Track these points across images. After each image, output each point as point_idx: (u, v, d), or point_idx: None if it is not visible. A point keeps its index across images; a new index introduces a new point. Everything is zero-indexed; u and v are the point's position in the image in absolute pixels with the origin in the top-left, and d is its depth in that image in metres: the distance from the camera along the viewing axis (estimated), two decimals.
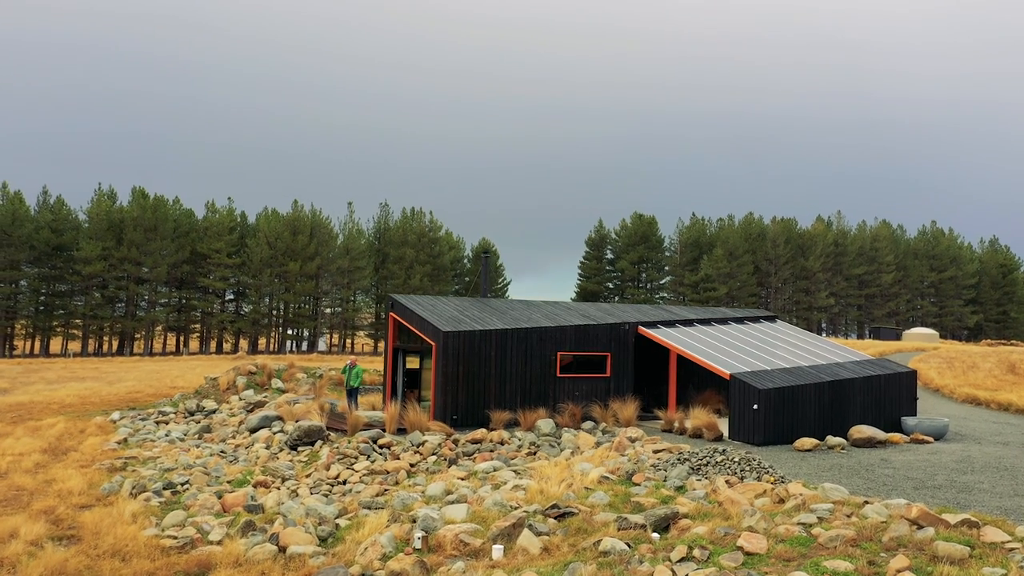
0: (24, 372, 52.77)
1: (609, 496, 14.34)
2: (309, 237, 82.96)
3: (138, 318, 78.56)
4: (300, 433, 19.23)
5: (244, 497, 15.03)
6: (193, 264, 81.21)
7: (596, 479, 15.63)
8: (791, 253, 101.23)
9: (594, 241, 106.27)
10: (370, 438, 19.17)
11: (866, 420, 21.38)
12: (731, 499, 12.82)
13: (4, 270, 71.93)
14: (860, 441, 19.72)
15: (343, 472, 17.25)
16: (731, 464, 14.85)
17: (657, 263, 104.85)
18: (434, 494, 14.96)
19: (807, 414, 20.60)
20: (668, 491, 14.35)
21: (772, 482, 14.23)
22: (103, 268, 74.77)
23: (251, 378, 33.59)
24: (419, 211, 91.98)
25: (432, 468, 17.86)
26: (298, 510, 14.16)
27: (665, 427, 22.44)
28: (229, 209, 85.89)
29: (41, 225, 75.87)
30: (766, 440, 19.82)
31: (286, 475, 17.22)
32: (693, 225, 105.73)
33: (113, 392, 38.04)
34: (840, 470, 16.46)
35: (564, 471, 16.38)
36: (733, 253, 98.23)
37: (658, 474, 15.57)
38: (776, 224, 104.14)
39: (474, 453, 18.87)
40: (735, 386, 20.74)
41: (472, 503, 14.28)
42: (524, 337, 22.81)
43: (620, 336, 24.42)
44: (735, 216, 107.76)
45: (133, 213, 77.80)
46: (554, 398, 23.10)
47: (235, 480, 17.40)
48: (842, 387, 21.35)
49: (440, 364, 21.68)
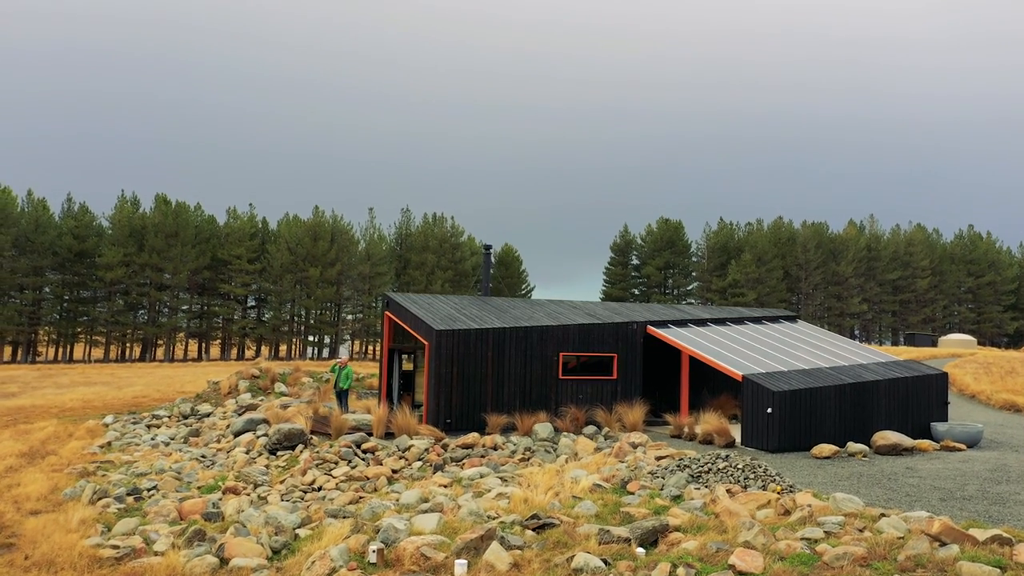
0: (40, 377, 52.62)
1: (598, 506, 13.01)
2: (330, 243, 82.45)
3: (159, 324, 78.53)
4: (280, 437, 18.13)
5: (204, 504, 13.93)
6: (214, 270, 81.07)
7: (588, 487, 14.30)
8: (822, 258, 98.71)
9: (619, 246, 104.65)
10: (353, 442, 18.02)
11: (891, 426, 19.78)
12: (729, 510, 11.42)
13: (27, 276, 72.27)
14: (884, 448, 18.15)
15: (319, 478, 16.10)
16: (734, 471, 13.43)
17: (684, 268, 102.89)
18: (408, 502, 13.74)
19: (826, 419, 19.05)
20: (663, 501, 12.97)
21: (779, 492, 12.78)
22: (124, 274, 74.84)
23: (254, 382, 32.70)
24: (440, 216, 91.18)
25: (416, 474, 16.64)
26: (257, 518, 13.01)
27: (674, 432, 21.02)
28: (250, 215, 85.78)
29: (64, 231, 76.21)
30: (781, 446, 18.32)
31: (258, 481, 16.11)
32: (721, 229, 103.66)
33: (119, 396, 37.39)
34: (859, 479, 14.95)
35: (553, 478, 15.07)
36: (762, 258, 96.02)
37: (655, 482, 14.20)
38: (806, 228, 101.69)
39: (464, 459, 17.62)
40: (747, 388, 19.26)
41: (447, 512, 13.03)
42: (524, 336, 21.53)
43: (627, 336, 23.02)
44: (764, 220, 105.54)
45: (155, 219, 77.88)
46: (556, 401, 21.77)
47: (205, 486, 16.33)
48: (865, 390, 19.76)
49: (433, 365, 20.48)
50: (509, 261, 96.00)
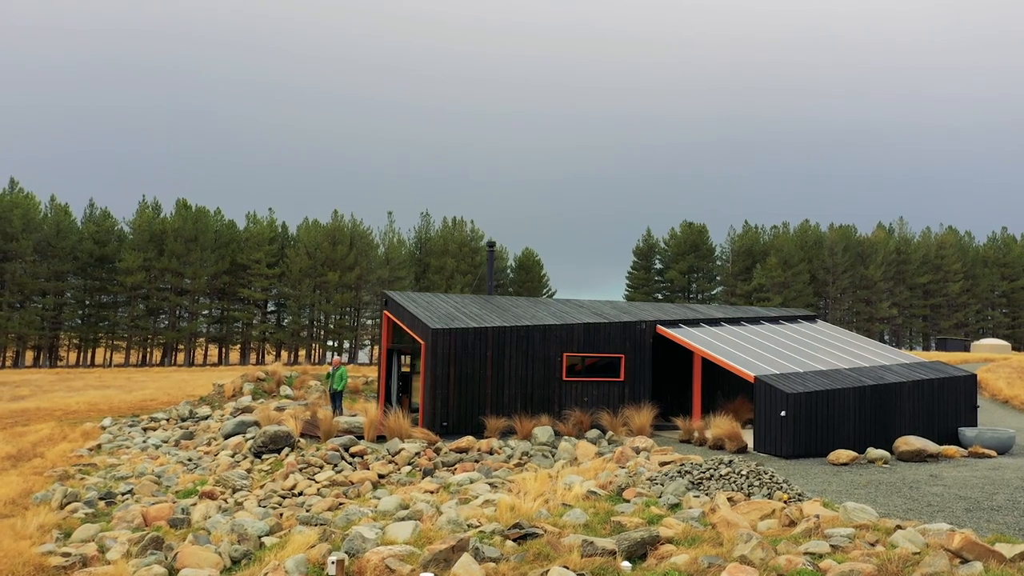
0: (55, 380, 52.53)
1: (588, 514, 12.02)
2: (349, 247, 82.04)
3: (179, 329, 78.57)
4: (265, 439, 17.33)
5: (171, 510, 13.14)
6: (233, 275, 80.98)
7: (581, 494, 13.30)
8: (850, 261, 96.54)
9: (642, 251, 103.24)
10: (341, 445, 17.17)
11: (916, 430, 18.53)
12: (727, 520, 10.37)
13: (49, 281, 72.65)
14: (907, 454, 16.93)
15: (301, 483, 15.26)
16: (737, 478, 12.36)
17: (708, 273, 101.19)
18: (387, 509, 12.84)
19: (844, 422, 17.86)
20: (659, 509, 11.95)
21: (785, 500, 11.70)
22: (144, 279, 74.96)
23: (259, 384, 32.06)
24: (460, 220, 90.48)
25: (404, 479, 15.74)
26: (224, 525, 12.19)
27: (683, 437, 19.92)
28: (270, 220, 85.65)
29: (85, 236, 76.56)
30: (795, 452, 17.18)
31: (237, 485, 15.30)
32: (746, 233, 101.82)
33: (126, 400, 36.95)
34: (878, 487, 13.80)
35: (545, 484, 14.09)
36: (788, 262, 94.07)
37: (653, 489, 13.17)
38: (834, 231, 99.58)
39: (456, 463, 16.69)
40: (760, 390, 18.14)
41: (426, 520, 12.11)
42: (525, 336, 20.57)
43: (636, 336, 21.97)
44: (790, 223, 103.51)
45: (175, 224, 77.98)
46: (559, 404, 20.76)
47: (183, 490, 15.57)
48: (887, 392, 18.54)
49: (429, 365, 19.58)
50: (530, 266, 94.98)
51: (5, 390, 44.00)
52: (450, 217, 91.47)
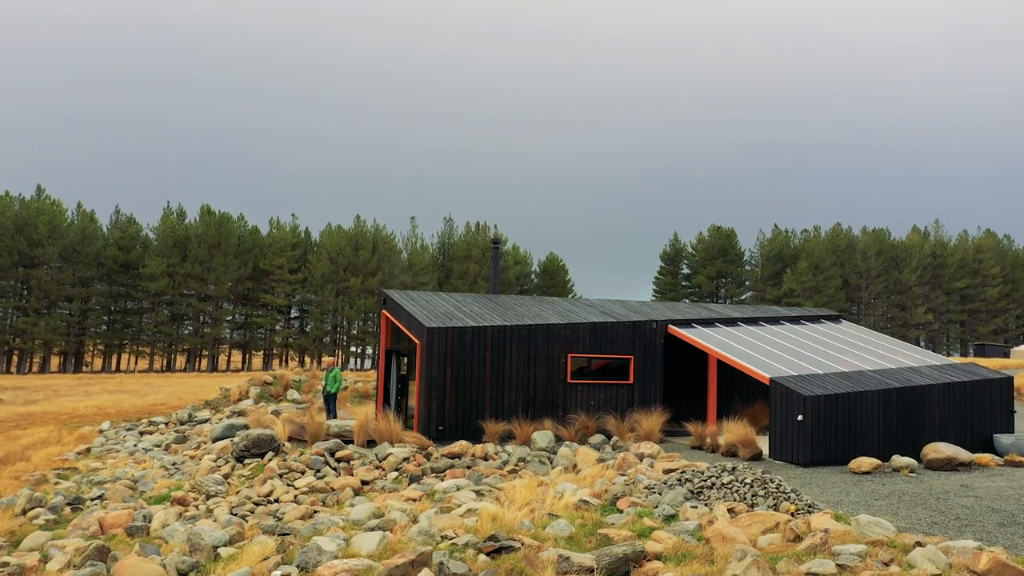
0: (75, 385, 52.51)
1: (575, 526, 10.92)
2: (371, 252, 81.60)
3: (202, 335, 78.62)
4: (248, 443, 16.45)
5: (129, 517, 12.29)
6: (255, 280, 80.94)
7: (572, 503, 12.21)
8: (884, 266, 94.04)
9: (669, 255, 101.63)
10: (327, 450, 16.24)
11: (946, 437, 17.16)
12: (723, 535, 9.21)
13: (74, 286, 73.06)
14: (936, 462, 15.58)
15: (278, 489, 14.34)
16: (740, 487, 11.18)
17: (737, 277, 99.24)
18: (358, 518, 11.85)
19: (868, 428, 16.55)
20: (653, 521, 10.82)
21: (793, 512, 10.50)
22: (167, 284, 75.12)
23: (266, 388, 31.35)
24: (483, 225, 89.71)
25: (389, 486, 14.75)
26: (181, 534, 11.28)
27: (695, 443, 18.72)
28: (293, 226, 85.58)
29: (109, 242, 76.98)
30: (813, 459, 15.91)
31: (211, 491, 14.42)
32: (775, 237, 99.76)
33: (136, 404, 36.51)
34: (901, 499, 12.53)
35: (535, 492, 13.01)
36: (819, 266, 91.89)
37: (651, 499, 12.03)
38: (867, 235, 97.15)
39: (447, 469, 15.67)
40: (775, 393, 16.89)
41: (397, 531, 11.10)
42: (527, 335, 19.50)
43: (646, 336, 20.80)
44: (821, 227, 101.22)
45: (198, 230, 78.16)
46: (564, 408, 19.66)
47: (156, 496, 14.74)
48: (915, 395, 17.18)
49: (424, 366, 18.60)
50: (554, 271, 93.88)
51: (22, 394, 43.91)
52: (473, 222, 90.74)
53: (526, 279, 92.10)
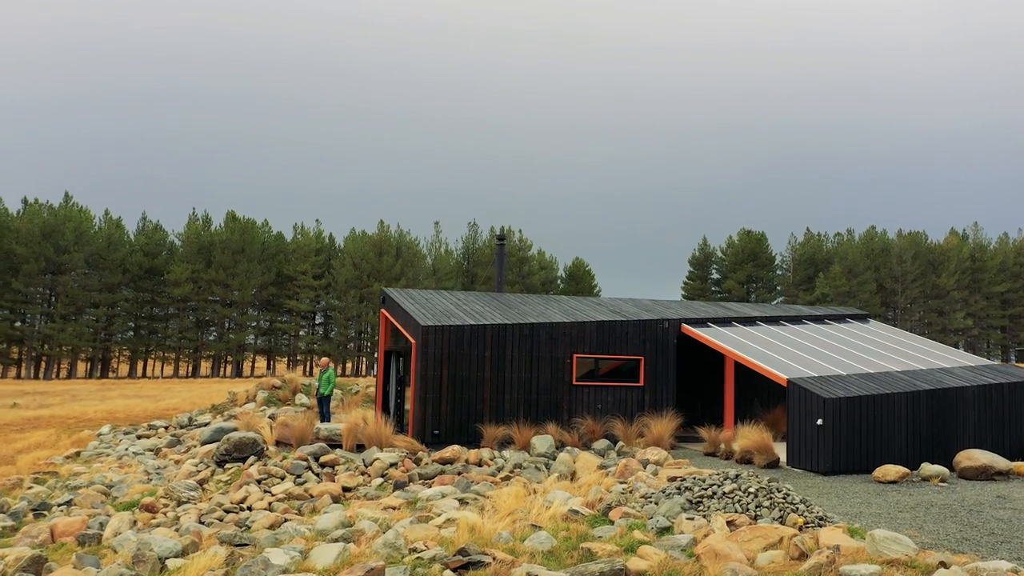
0: (96, 390, 52.45)
1: (558, 539, 9.84)
2: (395, 257, 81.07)
3: (226, 341, 78.61)
4: (229, 447, 15.59)
5: (82, 524, 11.45)
6: (279, 286, 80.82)
7: (561, 513, 11.11)
8: (920, 270, 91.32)
9: (698, 260, 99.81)
10: (311, 454, 15.31)
11: (981, 443, 15.76)
12: (715, 551, 8.07)
13: (100, 292, 73.43)
14: (970, 471, 14.24)
15: (253, 495, 13.43)
16: (743, 497, 10.00)
17: (768, 282, 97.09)
18: (325, 527, 10.87)
19: (895, 433, 15.22)
20: (644, 534, 9.69)
21: (801, 525, 9.31)
22: (191, 290, 75.22)
23: (273, 392, 30.59)
24: (508, 230, 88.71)
25: (372, 493, 13.77)
26: (131, 544, 10.39)
27: (708, 449, 17.52)
28: (317, 231, 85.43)
29: (135, 248, 77.36)
30: (835, 467, 14.65)
31: (183, 497, 13.56)
32: (807, 241, 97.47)
33: (148, 408, 36.08)
34: (928, 511, 11.25)
35: (522, 501, 11.94)
36: (853, 270, 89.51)
37: (646, 509, 10.89)
38: (902, 238, 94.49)
39: (436, 476, 14.65)
40: (793, 395, 15.64)
41: (362, 543, 10.11)
42: (529, 335, 18.44)
43: (658, 336, 19.62)
44: (855, 230, 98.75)
45: (222, 236, 78.27)
46: (568, 411, 18.55)
47: (125, 502, 13.91)
48: (947, 398, 15.81)
49: (419, 367, 17.62)
50: (580, 276, 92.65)
51: (39, 398, 43.82)
52: (498, 227, 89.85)
53: (552, 284, 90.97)
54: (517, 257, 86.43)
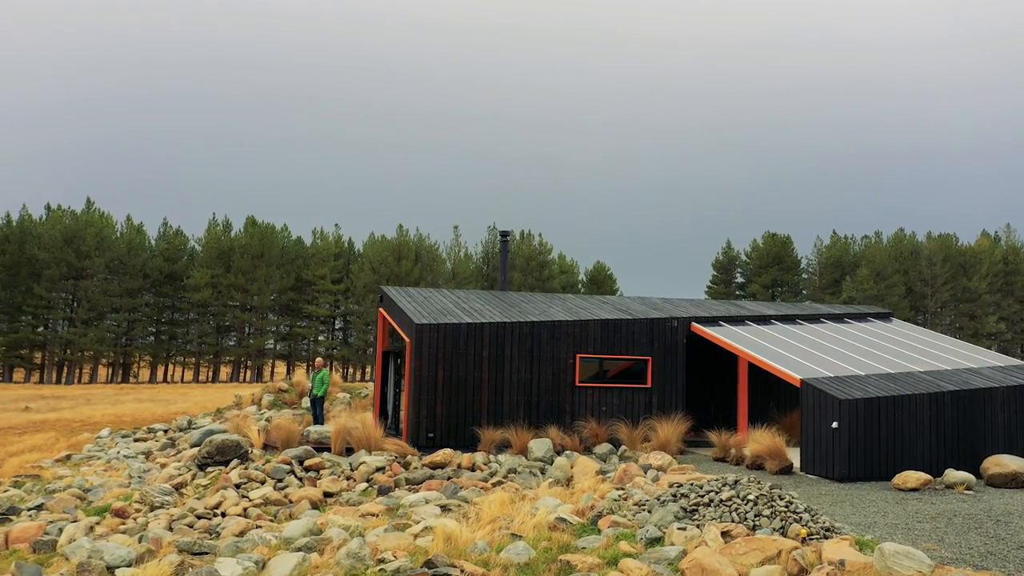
0: (113, 394, 52.38)
1: (537, 549, 9.04)
2: (413, 262, 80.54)
3: (246, 346, 78.55)
4: (212, 450, 14.94)
5: (38, 530, 10.82)
6: (298, 291, 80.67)
7: (548, 521, 10.27)
8: (951, 272, 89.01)
9: (721, 263, 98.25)
10: (295, 458, 14.61)
11: (1012, 448, 14.69)
12: (703, 566, 7.20)
13: (121, 297, 73.69)
14: (999, 478, 13.19)
15: (228, 500, 12.73)
16: (741, 505, 9.10)
17: (793, 286, 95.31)
18: (291, 535, 10.13)
19: (917, 437, 14.19)
20: (631, 545, 8.83)
21: (804, 536, 8.39)
22: (211, 295, 75.26)
23: (280, 396, 30.06)
24: (528, 233, 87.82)
25: (355, 499, 13.02)
26: (84, 551, 9.73)
27: (718, 455, 16.57)
28: (336, 236, 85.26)
29: (155, 253, 77.60)
30: (851, 473, 13.66)
31: (156, 502, 12.89)
32: (834, 244, 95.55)
33: (156, 412, 35.72)
34: (951, 521, 10.27)
35: (506, 508, 11.11)
36: (881, 273, 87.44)
37: (638, 517, 10.03)
38: (932, 240, 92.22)
39: (425, 480, 13.87)
40: (807, 396, 14.67)
41: (326, 552, 9.36)
42: (529, 333, 17.61)
43: (666, 335, 18.70)
44: (883, 232, 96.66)
45: (242, 241, 78.31)
46: (571, 414, 17.69)
47: (97, 507, 13.30)
48: (974, 400, 14.74)
49: (413, 367, 16.86)
50: (601, 279, 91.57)
51: (52, 402, 43.70)
52: (518, 230, 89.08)
53: (572, 289, 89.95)
54: (537, 261, 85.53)
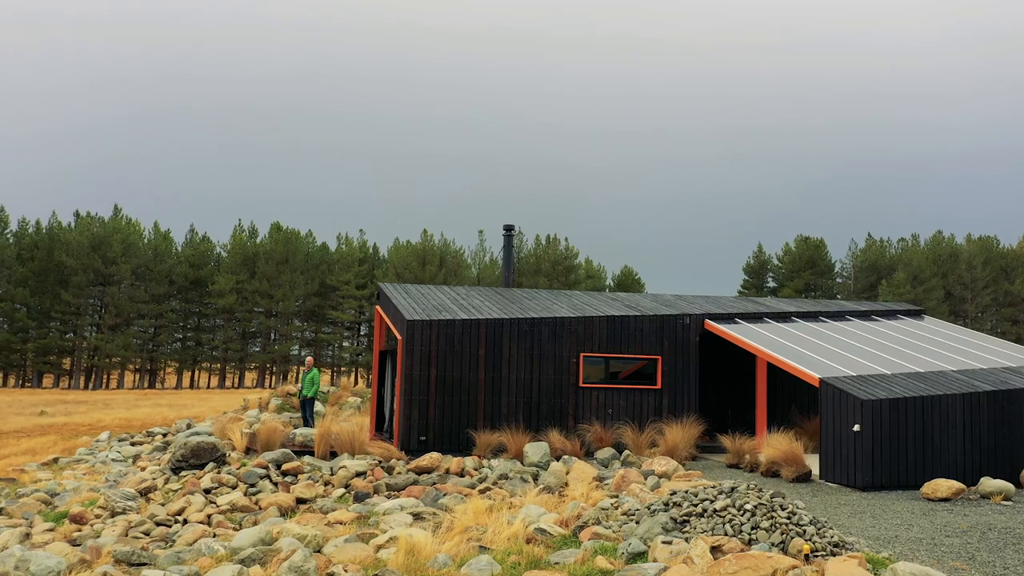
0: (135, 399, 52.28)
1: (505, 564, 7.99)
2: (438, 267, 79.81)
3: (270, 352, 78.40)
4: (186, 453, 14.09)
5: None
6: (323, 297, 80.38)
7: (526, 532, 9.21)
8: (992, 276, 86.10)
9: (753, 268, 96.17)
10: (272, 461, 13.70)
11: None
12: None
13: (147, 303, 73.96)
14: None
15: (192, 506, 11.85)
16: (735, 515, 7.95)
17: (827, 290, 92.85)
18: (239, 545, 9.18)
19: (948, 442, 12.87)
20: (612, 560, 7.74)
21: (807, 553, 7.22)
22: (235, 301, 75.23)
23: (287, 400, 29.35)
24: (554, 237, 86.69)
25: (330, 505, 12.04)
26: (12, 560, 8.88)
27: (732, 461, 15.35)
28: (361, 241, 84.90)
29: (181, 259, 77.85)
30: (875, 481, 12.41)
31: (118, 507, 12.05)
32: (869, 247, 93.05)
33: (167, 416, 35.19)
34: (984, 536, 9.02)
35: (482, 517, 10.05)
36: (918, 277, 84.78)
37: (624, 528, 8.92)
38: (972, 243, 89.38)
39: (408, 486, 12.87)
40: (826, 397, 13.42)
41: (273, 564, 8.39)
42: (529, 331, 16.55)
43: (677, 333, 17.52)
44: (920, 235, 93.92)
45: (267, 246, 78.28)
46: (575, 417, 16.58)
47: (58, 513, 12.51)
48: (1012, 401, 13.38)
49: (404, 366, 15.88)
50: (628, 284, 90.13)
51: (70, 407, 43.54)
52: (543, 234, 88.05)
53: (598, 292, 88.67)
54: (563, 266, 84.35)
